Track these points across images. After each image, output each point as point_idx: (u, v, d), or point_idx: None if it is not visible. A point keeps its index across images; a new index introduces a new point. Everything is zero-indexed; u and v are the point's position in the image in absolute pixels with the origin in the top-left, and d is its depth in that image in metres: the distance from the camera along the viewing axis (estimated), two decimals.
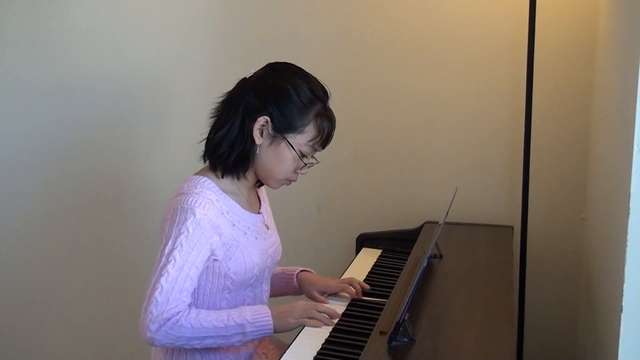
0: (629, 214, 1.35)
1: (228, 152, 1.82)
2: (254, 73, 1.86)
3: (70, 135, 2.99)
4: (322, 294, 2.03)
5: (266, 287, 1.99)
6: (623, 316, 1.38)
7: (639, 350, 1.39)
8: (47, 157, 3.03)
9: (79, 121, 2.97)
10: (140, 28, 2.86)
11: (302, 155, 1.83)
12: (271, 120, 1.79)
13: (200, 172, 1.88)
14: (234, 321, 1.72)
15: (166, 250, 1.70)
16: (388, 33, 2.63)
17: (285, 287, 2.10)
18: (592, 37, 2.43)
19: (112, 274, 3.06)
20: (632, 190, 1.35)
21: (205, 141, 1.87)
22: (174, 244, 1.70)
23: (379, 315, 1.80)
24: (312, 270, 2.13)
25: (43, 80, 2.98)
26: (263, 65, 1.89)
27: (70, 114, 2.98)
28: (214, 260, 1.79)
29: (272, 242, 1.96)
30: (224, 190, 1.83)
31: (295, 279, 2.09)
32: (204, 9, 2.79)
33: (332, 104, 1.87)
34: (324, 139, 1.83)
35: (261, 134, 1.80)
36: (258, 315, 1.74)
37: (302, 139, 1.81)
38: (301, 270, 2.11)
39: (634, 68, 1.34)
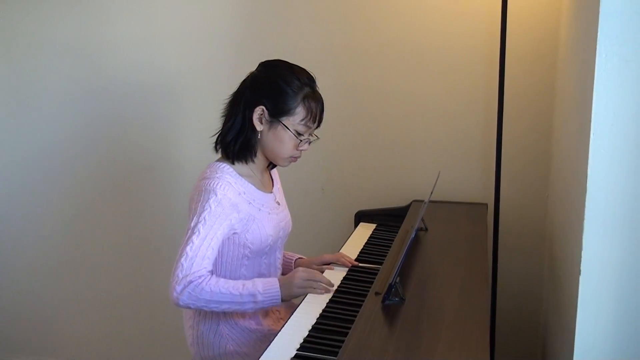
0: (586, 191, 1.35)
1: (234, 141, 1.83)
2: (250, 74, 1.88)
3: (108, 129, 3.00)
4: (321, 265, 2.04)
5: (279, 255, 1.99)
6: (581, 278, 1.38)
7: (595, 307, 1.39)
8: (89, 148, 3.04)
9: (116, 117, 2.98)
10: (167, 38, 2.85)
11: (298, 134, 1.82)
12: (266, 109, 1.79)
13: (219, 160, 1.88)
14: (248, 290, 1.72)
15: (192, 224, 1.71)
16: (382, 43, 2.61)
17: (285, 268, 2.10)
18: (554, 44, 2.42)
19: (147, 249, 3.07)
20: (589, 171, 1.34)
21: (216, 135, 1.89)
22: (199, 219, 1.71)
23: (374, 279, 1.80)
24: (304, 257, 2.14)
25: (84, 83, 2.99)
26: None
27: (107, 112, 2.99)
28: (234, 233, 1.80)
29: (283, 217, 1.96)
30: (240, 174, 1.84)
31: (293, 265, 2.10)
32: (222, 24, 2.78)
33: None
34: (314, 117, 1.83)
35: (260, 122, 1.81)
36: (268, 286, 1.74)
37: (294, 119, 1.81)
38: (298, 258, 2.12)
39: (590, 69, 1.34)
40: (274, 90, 1.80)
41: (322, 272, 1.95)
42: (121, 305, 3.16)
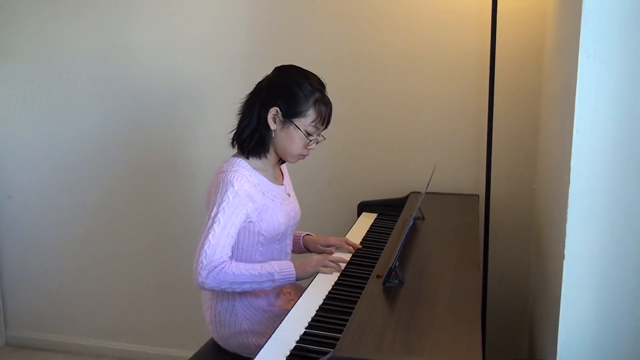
0: (569, 183, 1.35)
1: (249, 137, 1.83)
2: (265, 77, 1.87)
3: (134, 127, 3.00)
4: (326, 246, 2.05)
5: (289, 241, 2.00)
6: (565, 262, 1.38)
7: (578, 290, 1.39)
8: (117, 146, 3.05)
9: (142, 116, 2.98)
10: (185, 46, 2.85)
11: (308, 134, 1.83)
12: (280, 110, 1.79)
13: (235, 155, 1.89)
14: (266, 270, 1.74)
15: (212, 214, 1.72)
16: (383, 50, 2.61)
17: (294, 246, 2.10)
18: (540, 48, 2.41)
19: (170, 234, 3.08)
20: (572, 165, 1.34)
21: (233, 132, 1.88)
22: (218, 209, 1.71)
23: (376, 263, 1.80)
24: (312, 234, 2.14)
25: (107, 88, 2.99)
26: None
27: (134, 110, 2.99)
28: (250, 222, 1.80)
29: (293, 207, 1.97)
30: (254, 168, 1.84)
31: (301, 240, 2.10)
32: (236, 32, 2.78)
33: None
34: (323, 119, 1.83)
35: (274, 121, 1.81)
36: (284, 266, 1.77)
37: (305, 121, 1.81)
38: (305, 234, 2.12)
39: (573, 70, 1.33)
40: (287, 93, 1.80)
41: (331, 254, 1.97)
42: (149, 290, 3.17)
